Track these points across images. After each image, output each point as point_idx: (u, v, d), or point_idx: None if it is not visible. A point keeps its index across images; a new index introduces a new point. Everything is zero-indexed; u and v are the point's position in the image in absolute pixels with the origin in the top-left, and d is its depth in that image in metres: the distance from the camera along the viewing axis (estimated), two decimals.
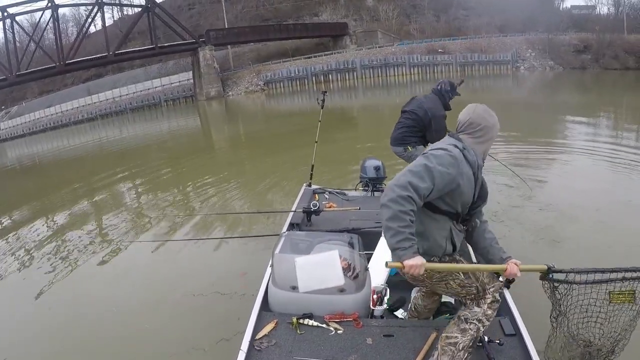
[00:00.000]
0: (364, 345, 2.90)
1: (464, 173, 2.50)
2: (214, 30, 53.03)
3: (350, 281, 3.25)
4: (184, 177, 12.69)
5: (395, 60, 48.91)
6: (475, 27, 53.40)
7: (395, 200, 2.35)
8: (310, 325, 3.07)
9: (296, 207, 5.30)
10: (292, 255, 3.35)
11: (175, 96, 52.92)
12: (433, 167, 2.41)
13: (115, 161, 18.84)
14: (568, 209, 6.91)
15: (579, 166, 9.71)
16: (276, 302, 3.33)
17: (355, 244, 3.60)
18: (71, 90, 61.20)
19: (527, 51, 46.65)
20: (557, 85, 34.68)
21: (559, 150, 11.20)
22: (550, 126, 14.57)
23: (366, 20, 61.79)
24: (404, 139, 5.40)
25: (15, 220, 10.64)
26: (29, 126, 51.79)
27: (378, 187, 6.18)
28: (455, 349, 2.56)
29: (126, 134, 33.42)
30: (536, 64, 45.45)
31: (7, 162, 30.09)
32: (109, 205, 10.34)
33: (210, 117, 37.65)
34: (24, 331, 4.95)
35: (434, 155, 2.50)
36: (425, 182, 2.38)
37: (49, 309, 5.49)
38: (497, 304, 2.72)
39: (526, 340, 2.86)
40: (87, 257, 6.99)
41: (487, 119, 2.65)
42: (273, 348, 2.89)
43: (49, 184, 16.03)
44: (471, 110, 2.69)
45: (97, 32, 59.62)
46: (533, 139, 12.16)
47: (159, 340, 4.37)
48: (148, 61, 58.99)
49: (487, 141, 2.68)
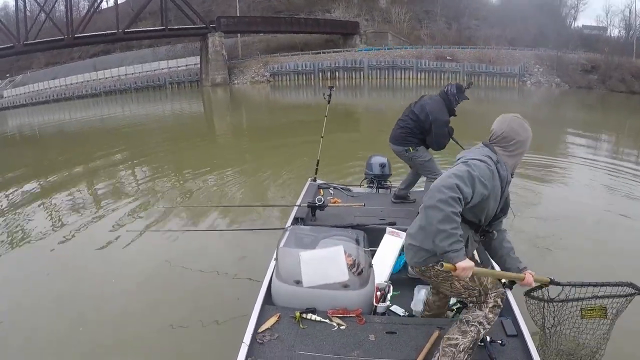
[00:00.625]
0: (366, 341, 2.92)
1: (495, 187, 2.55)
2: (225, 17, 52.82)
3: (355, 277, 3.29)
4: (184, 166, 12.55)
5: (403, 64, 48.90)
6: (486, 37, 53.37)
7: (446, 202, 2.35)
8: (313, 320, 3.08)
9: (301, 201, 5.30)
10: (297, 250, 3.40)
11: (181, 79, 52.67)
12: (476, 176, 2.43)
13: (116, 140, 18.69)
14: (564, 220, 6.99)
15: (578, 180, 9.84)
16: (279, 295, 3.33)
17: (360, 241, 3.65)
18: (77, 64, 60.88)
19: (535, 66, 46.65)
20: (562, 102, 34.75)
21: (560, 164, 11.37)
22: (552, 141, 14.66)
23: (378, 21, 61.61)
24: (405, 139, 5.27)
25: (11, 191, 10.57)
26: (32, 96, 51.52)
27: (383, 184, 6.25)
28: (456, 351, 2.59)
29: (128, 113, 33.36)
30: (543, 79, 45.47)
31: (8, 130, 30.03)
32: (108, 190, 10.26)
33: (214, 104, 37.55)
34: (21, 306, 4.96)
35: (476, 165, 2.50)
36: (469, 187, 2.41)
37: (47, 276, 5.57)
38: (499, 309, 2.75)
39: (528, 341, 2.89)
40: (86, 243, 6.83)
41: (520, 134, 2.64)
42: (275, 342, 2.90)
43: (47, 157, 16.00)
44: (506, 124, 2.68)
45: (109, 8, 59.47)
46: (535, 152, 12.18)
47: (161, 332, 4.35)
48: (157, 42, 58.65)
49: (519, 155, 2.68)
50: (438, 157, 5.73)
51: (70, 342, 4.28)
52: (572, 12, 66.93)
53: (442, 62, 48.06)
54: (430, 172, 5.25)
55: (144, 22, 56.15)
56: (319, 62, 51.10)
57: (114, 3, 50.91)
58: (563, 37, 51.83)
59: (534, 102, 34.52)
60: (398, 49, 52.46)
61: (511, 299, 3.29)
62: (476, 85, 44.54)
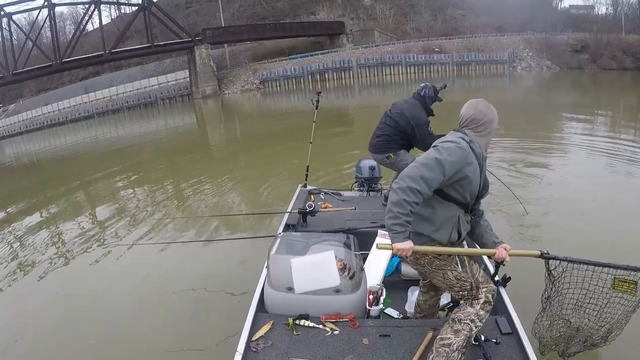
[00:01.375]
0: (360, 345, 2.91)
1: (472, 164, 2.64)
2: (210, 28, 53.03)
3: (346, 281, 3.28)
4: (177, 178, 12.63)
5: (392, 60, 49.04)
6: (473, 26, 53.42)
7: (404, 190, 2.50)
8: (306, 325, 3.08)
9: (292, 208, 5.29)
10: (288, 256, 3.39)
11: (172, 94, 52.89)
12: (444, 159, 2.54)
13: (110, 160, 18.80)
14: (562, 203, 7.02)
15: (575, 162, 9.87)
16: (272, 303, 3.34)
17: (351, 245, 3.63)
18: (68, 88, 61.14)
19: (525, 51, 46.74)
20: (553, 85, 34.73)
21: (556, 147, 11.37)
22: (546, 125, 14.68)
23: (363, 19, 61.84)
24: (384, 147, 5.22)
25: (12, 217, 10.69)
26: (26, 124, 51.67)
27: (373, 187, 6.21)
28: (449, 350, 2.60)
29: (122, 132, 33.38)
30: (533, 63, 45.55)
31: (5, 160, 30.09)
32: (103, 205, 10.33)
33: (206, 116, 37.56)
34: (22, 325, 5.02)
35: (444, 147, 2.63)
36: (436, 174, 2.52)
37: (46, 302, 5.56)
38: (490, 305, 2.77)
39: (523, 339, 2.88)
40: (81, 257, 7.00)
41: (487, 114, 2.77)
42: (269, 349, 2.89)
43: (46, 182, 16.07)
44: (472, 107, 2.81)
45: (95, 30, 59.66)
46: (528, 137, 12.23)
47: (154, 342, 4.36)
48: (145, 59, 58.89)
49: (488, 134, 2.81)
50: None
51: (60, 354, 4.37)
52: None
53: (431, 54, 48.12)
54: None
55: (131, 41, 56.43)
56: (307, 65, 51.31)
57: (99, 25, 50.95)
58: (550, 19, 51.81)
59: (525, 87, 34.69)
60: (385, 45, 52.49)
61: (505, 297, 3.27)
62: (466, 74, 44.66)
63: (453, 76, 44.45)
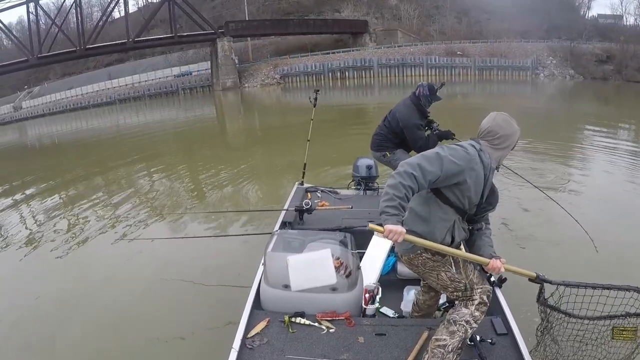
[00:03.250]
0: (355, 343, 2.92)
1: (474, 170, 2.64)
2: (234, 21, 53.25)
3: (343, 280, 3.28)
4: (178, 171, 12.64)
5: (413, 61, 48.76)
6: (497, 31, 52.75)
7: (400, 174, 2.52)
8: (302, 323, 3.09)
9: (288, 205, 5.30)
10: (285, 254, 3.38)
11: (193, 85, 53.36)
12: (444, 156, 2.57)
13: (122, 146, 19.24)
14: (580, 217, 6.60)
15: (594, 175, 9.60)
16: (268, 300, 3.34)
17: (348, 243, 3.65)
18: (93, 74, 61.98)
19: (548, 58, 46.04)
20: (576, 94, 34.19)
21: (576, 158, 11.06)
22: (566, 135, 14.28)
23: (387, 18, 61.45)
24: (380, 145, 5.35)
25: (31, 197, 10.99)
26: (49, 106, 52.60)
27: (370, 186, 6.18)
28: (445, 351, 2.63)
29: (143, 119, 33.78)
30: (556, 72, 44.86)
31: (28, 141, 30.83)
32: (103, 198, 10.24)
33: (225, 108, 37.83)
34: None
35: (448, 147, 2.69)
36: (434, 167, 2.53)
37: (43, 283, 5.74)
38: (485, 306, 2.79)
39: (518, 340, 2.89)
40: (77, 247, 7.05)
41: (505, 128, 2.75)
42: (265, 346, 2.90)
43: (63, 164, 16.47)
44: (491, 119, 2.80)
45: (121, 17, 60.13)
46: (548, 146, 11.92)
47: (149, 336, 4.36)
48: (169, 49, 59.30)
49: (505, 149, 2.79)
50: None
51: (57, 347, 4.39)
52: (586, 1, 66.11)
53: (453, 57, 47.71)
54: None
55: (156, 30, 56.90)
56: (328, 63, 51.25)
57: (124, 13, 51.62)
58: (577, 27, 51.08)
59: (548, 95, 34.01)
60: (407, 46, 52.25)
61: (501, 298, 3.29)
62: (488, 79, 44.16)
63: (474, 80, 44.08)
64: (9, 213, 9.69)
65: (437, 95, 5.07)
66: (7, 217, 9.32)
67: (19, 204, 10.48)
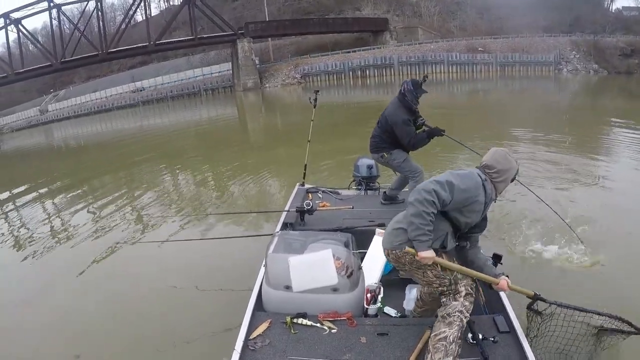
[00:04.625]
0: (358, 344, 2.94)
1: (479, 196, 2.89)
2: (253, 22, 53.48)
3: (344, 280, 3.31)
4: (191, 173, 12.79)
5: (434, 58, 48.33)
6: (519, 26, 52.00)
7: (421, 202, 2.76)
8: (304, 324, 3.11)
9: (289, 206, 5.32)
10: (286, 255, 3.42)
11: (215, 86, 53.85)
12: (456, 185, 2.80)
13: (137, 149, 19.61)
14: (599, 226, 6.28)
15: (619, 181, 8.85)
16: (270, 301, 3.36)
17: (349, 243, 3.67)
18: (117, 76, 63.01)
19: (571, 53, 45.23)
20: (600, 89, 33.50)
21: (600, 162, 10.29)
22: (589, 134, 13.90)
23: (408, 16, 61.12)
24: (377, 147, 5.35)
25: (58, 196, 11.43)
26: (74, 109, 53.64)
27: (371, 186, 6.23)
28: (447, 343, 2.72)
29: (167, 121, 34.20)
30: (580, 66, 44.06)
31: (54, 142, 31.53)
32: (109, 200, 10.31)
33: (246, 108, 38.06)
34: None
35: (458, 174, 2.91)
36: (447, 192, 2.77)
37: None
38: (472, 297, 2.94)
39: (520, 337, 2.94)
40: (77, 248, 7.21)
41: (501, 163, 2.98)
42: (267, 348, 2.92)
43: (91, 165, 16.96)
44: (491, 154, 3.04)
45: (144, 21, 60.99)
46: (570, 146, 11.44)
47: (151, 340, 4.38)
48: (191, 50, 59.85)
49: (502, 182, 3.01)
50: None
51: (55, 349, 4.49)
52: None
53: (474, 54, 47.20)
54: (410, 172, 5.28)
55: (178, 32, 57.46)
56: (348, 61, 51.14)
57: (144, 16, 52.46)
58: (600, 21, 50.16)
59: (571, 91, 33.34)
60: (428, 43, 51.93)
61: (503, 296, 3.33)
62: (510, 75, 43.56)
63: (496, 77, 43.51)
64: (25, 210, 10.25)
65: (421, 88, 5.02)
66: (22, 214, 9.90)
67: (34, 202, 11.02)
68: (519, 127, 14.83)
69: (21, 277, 6.48)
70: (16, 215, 10.15)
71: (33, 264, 6.86)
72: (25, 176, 15.87)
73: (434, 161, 10.00)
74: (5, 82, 46.68)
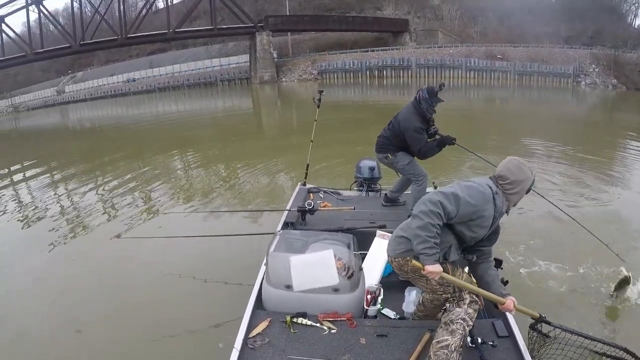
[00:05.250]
0: (357, 344, 2.96)
1: (486, 210, 2.77)
2: (273, 16, 53.68)
3: (345, 281, 3.31)
4: (198, 165, 12.81)
5: (452, 62, 48.06)
6: (539, 35, 51.57)
7: (427, 213, 2.67)
8: (303, 324, 3.13)
9: (291, 206, 5.33)
10: (287, 254, 3.43)
11: (232, 77, 54.14)
12: (462, 197, 2.70)
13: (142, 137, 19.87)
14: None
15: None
16: (270, 300, 3.38)
17: (350, 244, 3.69)
18: (135, 62, 63.41)
19: (591, 66, 44.66)
20: (618, 105, 32.78)
21: (613, 178, 9.94)
22: (604, 150, 13.46)
23: (429, 18, 60.86)
24: (383, 147, 5.34)
25: (68, 176, 11.78)
26: (91, 92, 54.14)
27: (373, 187, 6.21)
28: (448, 351, 2.70)
29: (182, 108, 34.38)
30: (598, 80, 43.46)
31: (69, 123, 31.90)
32: (110, 193, 10.29)
33: (262, 101, 38.23)
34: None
35: (466, 186, 2.80)
36: (452, 205, 2.68)
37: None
38: (476, 304, 2.90)
39: (519, 342, 2.94)
40: (78, 251, 7.08)
41: (514, 174, 2.84)
42: (266, 346, 2.93)
43: (103, 148, 17.26)
44: (504, 164, 2.90)
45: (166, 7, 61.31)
46: (583, 160, 11.24)
47: (150, 337, 4.37)
48: (210, 40, 60.12)
49: (515, 194, 2.87)
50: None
51: (57, 345, 4.48)
52: (633, 9, 64.26)
53: (492, 60, 46.90)
54: (413, 175, 5.26)
55: (199, 21, 57.75)
56: (366, 61, 51.04)
57: (165, 4, 52.72)
58: (622, 35, 49.63)
59: (589, 104, 32.97)
60: (447, 47, 51.70)
61: None
62: (527, 85, 43.22)
63: (514, 85, 43.15)
64: (26, 189, 10.77)
65: (437, 97, 4.98)
66: (25, 193, 10.39)
67: (40, 182, 11.48)
68: (535, 138, 14.58)
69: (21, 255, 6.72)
70: (15, 193, 10.57)
71: (32, 245, 7.06)
72: (37, 155, 16.34)
73: (446, 167, 9.96)
74: (23, 61, 47.23)
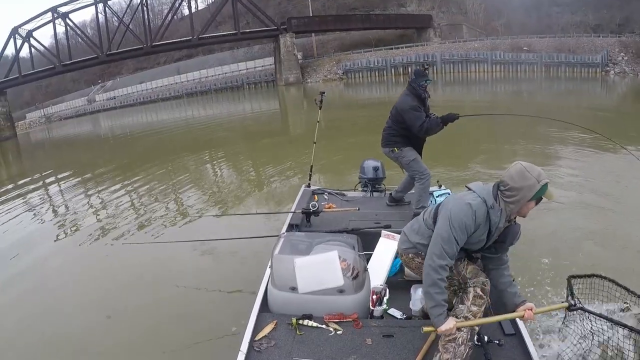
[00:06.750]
0: (363, 345, 2.96)
1: (479, 227, 2.72)
2: (296, 18, 54.12)
3: (350, 282, 3.30)
4: (199, 172, 13.19)
5: (477, 56, 47.36)
6: (567, 24, 50.52)
7: (435, 270, 2.68)
8: (309, 326, 3.12)
9: (295, 207, 5.33)
10: (292, 256, 3.42)
11: (257, 80, 54.76)
12: (456, 234, 2.67)
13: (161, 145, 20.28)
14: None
15: None
16: (275, 302, 3.36)
17: (355, 245, 3.72)
18: (163, 69, 64.75)
19: (620, 54, 43.59)
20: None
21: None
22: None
23: (453, 12, 60.36)
24: (389, 140, 5.27)
25: (104, 182, 12.26)
26: (121, 100, 55.58)
27: (377, 188, 6.17)
28: (456, 345, 2.69)
29: (211, 112, 34.95)
30: (628, 69, 42.16)
31: (101, 132, 32.84)
32: (118, 201, 10.44)
33: (289, 104, 38.33)
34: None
35: (456, 216, 2.70)
36: (454, 245, 2.69)
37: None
38: (481, 299, 2.84)
39: (526, 340, 2.91)
40: (80, 256, 7.29)
41: (516, 181, 2.63)
42: (273, 349, 2.93)
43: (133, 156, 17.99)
44: (508, 169, 2.72)
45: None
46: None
47: (158, 341, 4.43)
48: (236, 44, 60.92)
49: (516, 202, 2.66)
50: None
51: (53, 350, 4.59)
52: None
53: (518, 53, 46.18)
54: (417, 173, 5.21)
55: (224, 26, 58.50)
56: (391, 58, 50.85)
57: (188, 10, 53.70)
58: None
59: (618, 94, 32.22)
60: (472, 41, 51.14)
61: None
62: (555, 76, 42.38)
63: (541, 77, 42.26)
64: (49, 195, 11.35)
65: (424, 76, 4.97)
66: (54, 198, 10.90)
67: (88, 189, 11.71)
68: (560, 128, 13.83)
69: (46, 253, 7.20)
70: (45, 196, 11.22)
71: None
72: (65, 164, 17.15)
73: (455, 163, 9.97)
74: (52, 73, 48.88)
